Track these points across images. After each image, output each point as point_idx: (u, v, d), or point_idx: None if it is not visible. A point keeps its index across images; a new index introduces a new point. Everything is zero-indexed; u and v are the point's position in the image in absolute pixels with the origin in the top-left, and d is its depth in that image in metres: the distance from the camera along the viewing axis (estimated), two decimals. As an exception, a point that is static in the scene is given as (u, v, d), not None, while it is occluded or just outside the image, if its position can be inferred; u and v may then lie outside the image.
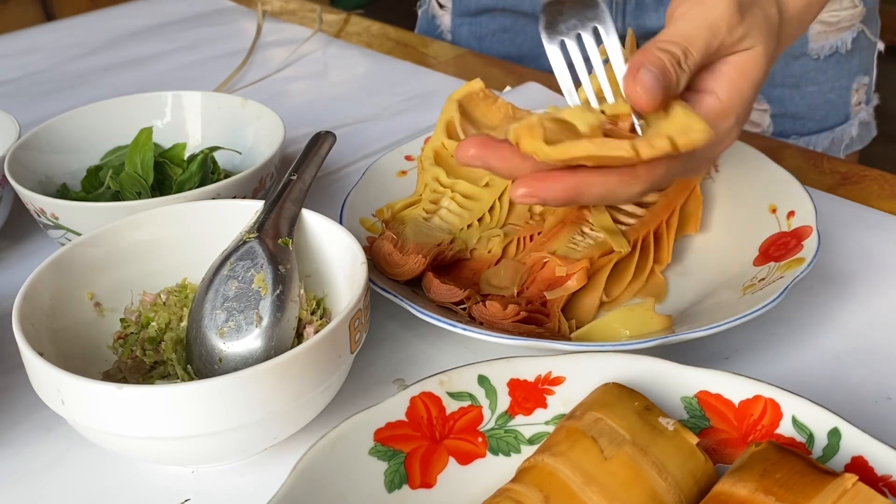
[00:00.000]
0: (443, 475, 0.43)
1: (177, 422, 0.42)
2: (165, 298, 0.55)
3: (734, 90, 0.50)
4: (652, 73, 0.46)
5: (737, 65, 0.50)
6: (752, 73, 0.50)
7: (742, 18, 0.49)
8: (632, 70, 0.47)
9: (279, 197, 0.54)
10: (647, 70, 0.46)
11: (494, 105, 0.71)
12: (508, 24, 1.01)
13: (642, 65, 0.47)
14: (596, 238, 0.59)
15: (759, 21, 0.50)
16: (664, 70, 0.47)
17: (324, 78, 0.99)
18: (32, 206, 0.61)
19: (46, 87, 0.98)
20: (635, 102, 0.47)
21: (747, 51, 0.50)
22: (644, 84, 0.46)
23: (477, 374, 0.45)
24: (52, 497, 0.47)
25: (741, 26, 0.49)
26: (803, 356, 0.54)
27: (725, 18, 0.49)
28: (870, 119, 0.99)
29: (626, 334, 0.54)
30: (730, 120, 0.50)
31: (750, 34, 0.50)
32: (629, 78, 0.47)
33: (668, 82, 0.47)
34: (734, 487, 0.36)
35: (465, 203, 0.64)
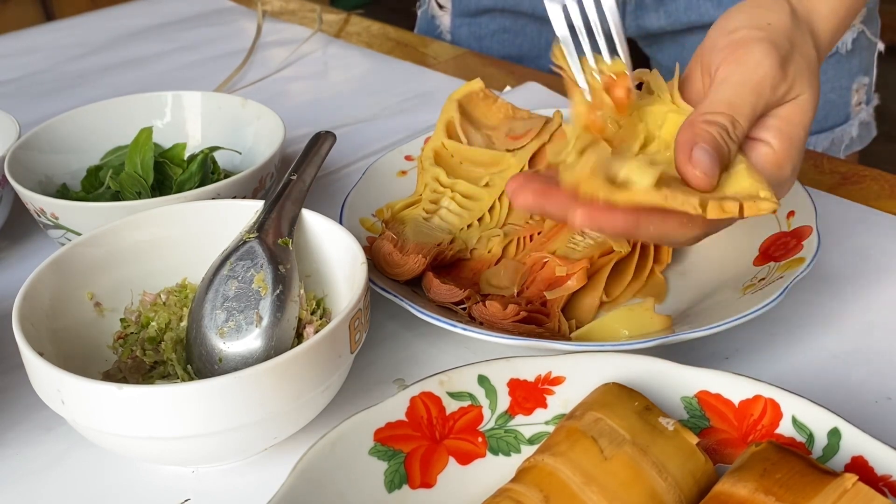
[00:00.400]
0: (443, 475, 0.43)
1: (177, 422, 0.42)
2: (165, 298, 0.55)
3: (787, 140, 0.49)
4: (706, 152, 0.45)
5: (786, 117, 0.49)
6: (802, 120, 0.49)
7: (786, 74, 0.48)
8: (684, 149, 0.46)
9: (279, 197, 0.54)
10: (702, 149, 0.45)
11: (494, 105, 0.71)
12: (508, 25, 1.01)
13: (694, 143, 0.46)
14: (596, 238, 0.59)
15: (801, 68, 0.49)
16: (717, 146, 0.46)
17: (324, 78, 0.99)
18: (32, 206, 0.61)
19: (46, 87, 0.98)
20: (694, 185, 0.46)
21: (795, 100, 0.49)
22: (702, 166, 0.45)
23: (477, 374, 0.45)
24: (52, 497, 0.47)
25: (785, 82, 0.48)
26: (803, 356, 0.54)
27: (769, 79, 0.48)
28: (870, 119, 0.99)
29: (625, 334, 0.54)
30: (786, 170, 0.49)
31: (795, 85, 0.49)
32: (683, 159, 0.46)
33: (721, 157, 0.46)
34: (734, 487, 0.36)
35: (465, 203, 0.64)
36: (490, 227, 0.62)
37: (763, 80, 0.48)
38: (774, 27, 0.49)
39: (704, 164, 0.45)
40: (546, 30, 1.00)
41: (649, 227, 0.45)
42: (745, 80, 0.48)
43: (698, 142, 0.46)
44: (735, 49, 0.49)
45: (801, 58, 0.49)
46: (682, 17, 0.90)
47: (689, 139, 0.46)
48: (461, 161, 0.67)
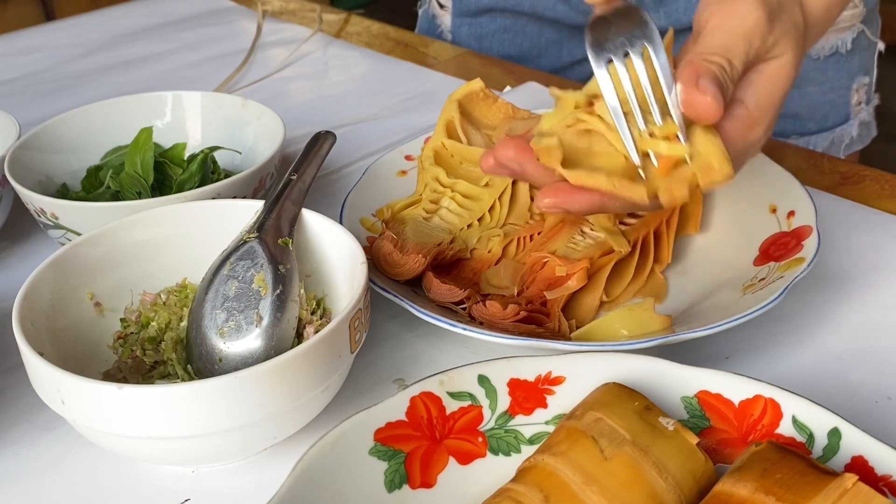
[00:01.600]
0: (443, 475, 0.43)
1: (177, 422, 0.42)
2: (165, 298, 0.55)
3: (764, 99, 0.49)
4: (713, 82, 0.46)
5: (767, 73, 0.49)
6: (782, 82, 0.50)
7: (773, 27, 0.49)
8: (690, 80, 0.46)
9: (279, 197, 0.54)
10: (707, 79, 0.46)
11: (494, 105, 0.71)
12: (509, 25, 1.01)
13: (700, 75, 0.46)
14: (596, 238, 0.59)
15: (788, 28, 0.50)
16: (719, 80, 0.46)
17: (324, 78, 0.99)
18: (32, 206, 0.61)
19: (46, 87, 0.98)
20: (704, 111, 0.46)
21: (778, 58, 0.50)
22: (711, 92, 0.45)
23: (477, 374, 0.45)
24: (52, 497, 0.47)
25: (772, 35, 0.49)
26: (803, 356, 0.54)
27: (759, 27, 0.48)
28: (870, 119, 0.99)
29: (625, 334, 0.54)
30: (758, 130, 0.49)
31: (780, 42, 0.49)
32: (691, 88, 0.46)
33: (724, 91, 0.46)
34: (734, 487, 0.36)
35: (465, 203, 0.64)
36: (490, 227, 0.62)
37: (753, 28, 0.48)
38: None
39: (713, 91, 0.45)
40: (546, 29, 1.00)
41: (616, 203, 0.46)
42: (736, 27, 0.48)
43: (702, 74, 0.46)
44: (724, 3, 0.49)
45: (787, 18, 0.50)
46: (683, 18, 0.90)
47: (693, 73, 0.46)
48: (461, 161, 0.67)
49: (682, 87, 0.46)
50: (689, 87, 0.46)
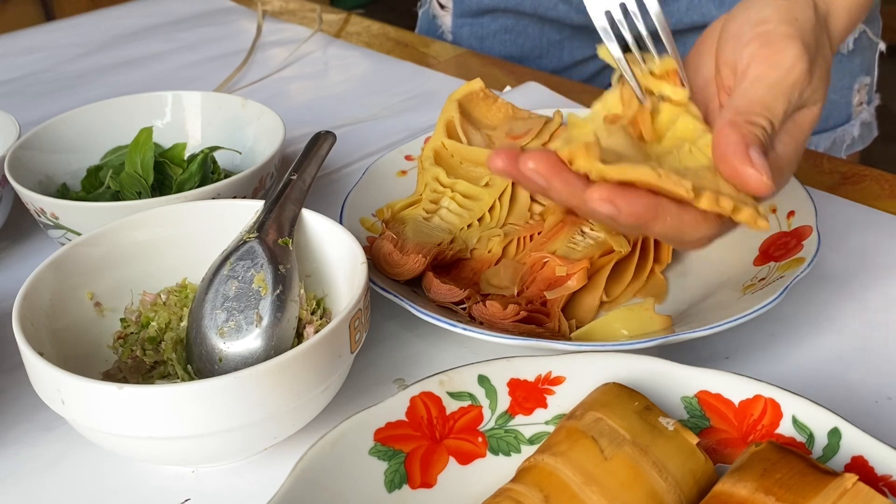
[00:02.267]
0: (443, 475, 0.43)
1: (177, 422, 0.42)
2: (165, 298, 0.55)
3: (793, 147, 0.48)
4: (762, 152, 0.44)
5: (798, 121, 0.48)
6: (810, 126, 0.48)
7: (812, 76, 0.47)
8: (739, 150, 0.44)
9: (279, 197, 0.54)
10: (757, 151, 0.43)
11: (494, 105, 0.71)
12: (510, 25, 1.01)
13: (748, 144, 0.44)
14: (596, 238, 0.59)
15: (822, 74, 0.48)
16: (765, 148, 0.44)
17: (324, 78, 0.99)
18: (32, 206, 0.61)
19: (46, 87, 0.98)
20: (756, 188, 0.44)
21: (810, 107, 0.48)
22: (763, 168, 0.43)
23: (477, 374, 0.45)
24: (52, 497, 0.47)
25: (810, 87, 0.47)
26: (803, 356, 0.54)
27: (800, 83, 0.47)
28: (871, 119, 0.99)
29: (625, 334, 0.54)
30: (786, 175, 0.48)
31: (815, 92, 0.48)
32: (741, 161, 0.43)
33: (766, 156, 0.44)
34: (734, 487, 0.36)
35: (465, 203, 0.64)
36: (490, 227, 0.62)
37: (795, 84, 0.46)
38: (801, 24, 0.48)
39: (764, 167, 0.43)
40: (548, 30, 1.00)
41: (666, 217, 0.43)
42: (779, 82, 0.46)
43: (751, 143, 0.44)
44: (766, 45, 0.47)
45: (822, 61, 0.49)
46: (684, 18, 0.90)
47: (741, 141, 0.44)
48: (461, 161, 0.67)
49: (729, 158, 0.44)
50: (738, 160, 0.44)
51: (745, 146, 0.44)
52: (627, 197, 0.42)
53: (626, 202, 0.42)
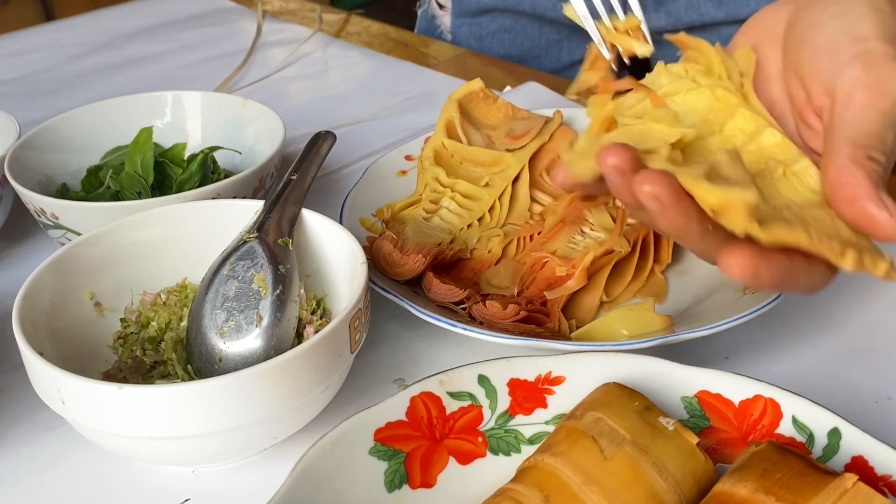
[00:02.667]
0: (443, 475, 0.43)
1: (177, 422, 0.42)
2: (165, 298, 0.55)
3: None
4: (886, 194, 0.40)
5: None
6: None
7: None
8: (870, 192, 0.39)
9: (279, 197, 0.54)
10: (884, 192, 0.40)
11: (494, 105, 0.71)
12: (509, 25, 1.02)
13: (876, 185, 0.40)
14: (596, 238, 0.59)
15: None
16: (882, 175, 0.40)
17: (324, 78, 0.99)
18: (32, 206, 0.61)
19: (46, 87, 0.98)
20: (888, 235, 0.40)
21: None
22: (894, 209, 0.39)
23: (477, 374, 0.45)
24: (52, 497, 0.47)
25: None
26: (803, 356, 0.54)
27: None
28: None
29: (625, 334, 0.54)
30: None
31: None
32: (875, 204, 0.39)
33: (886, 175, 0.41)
34: (734, 487, 0.36)
35: (465, 203, 0.64)
36: (490, 227, 0.62)
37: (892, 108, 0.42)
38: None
39: (894, 208, 0.39)
40: (547, 30, 1.00)
41: (799, 278, 0.40)
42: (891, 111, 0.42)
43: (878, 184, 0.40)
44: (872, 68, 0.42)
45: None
46: (683, 17, 0.90)
47: (870, 183, 0.40)
48: (461, 161, 0.67)
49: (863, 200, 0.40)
50: (874, 204, 0.40)
51: (875, 188, 0.40)
52: (768, 265, 0.38)
53: (768, 270, 0.38)
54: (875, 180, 0.40)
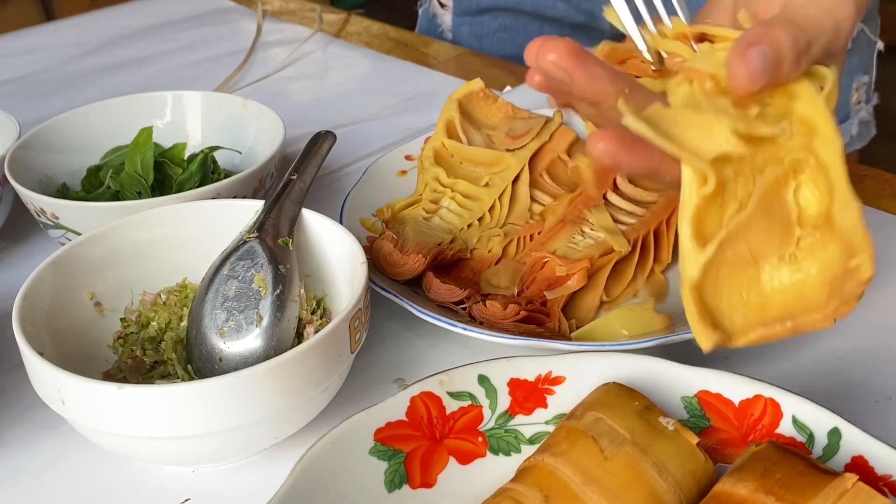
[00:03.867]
0: (443, 475, 0.43)
1: (177, 422, 0.42)
2: (165, 298, 0.55)
3: None
4: (764, 57, 0.39)
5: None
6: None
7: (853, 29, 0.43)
8: (742, 44, 0.40)
9: (279, 197, 0.54)
10: (760, 51, 0.39)
11: (494, 105, 0.71)
12: (509, 24, 1.02)
13: (758, 42, 0.40)
14: (596, 238, 0.59)
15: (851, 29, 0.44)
16: (779, 58, 0.40)
17: (324, 78, 0.99)
18: (32, 206, 0.61)
19: (46, 87, 0.98)
20: (733, 81, 0.40)
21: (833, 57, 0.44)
22: (751, 67, 0.39)
23: (477, 374, 0.45)
24: (52, 497, 0.47)
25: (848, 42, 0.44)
26: (803, 356, 0.54)
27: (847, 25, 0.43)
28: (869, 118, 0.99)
29: (625, 334, 0.54)
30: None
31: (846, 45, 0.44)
32: (737, 53, 0.40)
33: (777, 74, 0.40)
34: (734, 487, 0.36)
35: (465, 203, 0.64)
36: (490, 227, 0.62)
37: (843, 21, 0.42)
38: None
39: (755, 67, 0.39)
40: (547, 29, 1.00)
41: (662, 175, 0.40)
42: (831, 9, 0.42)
43: (763, 43, 0.40)
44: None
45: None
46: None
47: (756, 38, 0.40)
48: (461, 161, 0.67)
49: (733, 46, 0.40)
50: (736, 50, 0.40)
51: (751, 43, 0.40)
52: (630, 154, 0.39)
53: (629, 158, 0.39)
54: (769, 41, 0.40)
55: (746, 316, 0.38)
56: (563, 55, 0.40)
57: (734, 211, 0.39)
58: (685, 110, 0.40)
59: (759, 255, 0.39)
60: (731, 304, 0.39)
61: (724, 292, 0.39)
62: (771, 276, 0.39)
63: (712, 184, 0.38)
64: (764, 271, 0.39)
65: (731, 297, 0.39)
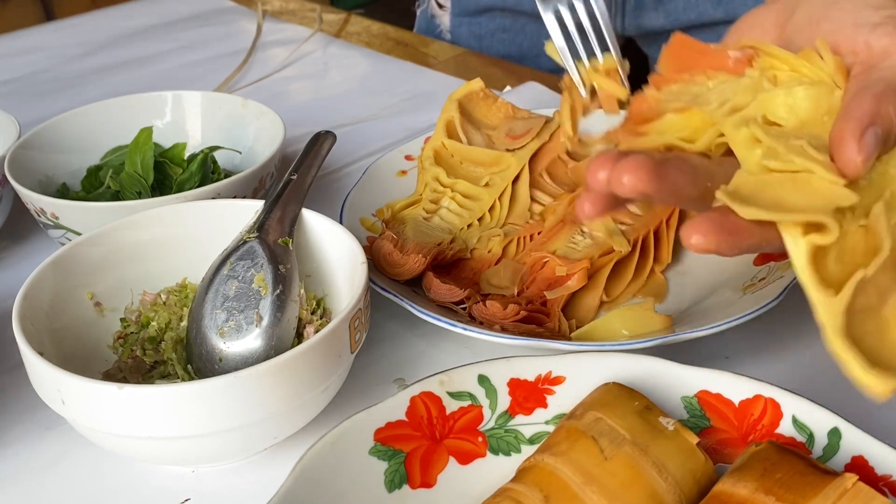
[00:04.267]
0: (443, 475, 0.43)
1: (177, 422, 0.42)
2: (165, 298, 0.55)
3: None
4: (876, 139, 0.37)
5: None
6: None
7: None
8: (858, 124, 0.37)
9: (279, 197, 0.54)
10: (874, 133, 0.37)
11: (494, 105, 0.71)
12: (508, 24, 1.02)
13: (872, 124, 0.37)
14: (596, 238, 0.59)
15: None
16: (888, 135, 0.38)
17: (324, 78, 0.99)
18: (32, 206, 0.61)
19: (46, 87, 0.98)
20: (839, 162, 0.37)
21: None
22: (866, 153, 0.37)
23: (477, 374, 0.45)
24: (52, 497, 0.47)
25: None
26: (803, 356, 0.54)
27: None
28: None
29: (625, 334, 0.54)
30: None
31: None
32: (853, 136, 0.37)
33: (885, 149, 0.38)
34: (734, 487, 0.36)
35: (465, 203, 0.64)
36: (490, 227, 0.62)
37: None
38: None
39: (869, 149, 0.37)
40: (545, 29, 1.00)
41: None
42: None
43: (877, 122, 0.37)
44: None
45: None
46: (682, 17, 0.90)
47: (867, 117, 0.38)
48: (461, 161, 0.67)
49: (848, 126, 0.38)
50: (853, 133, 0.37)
51: (867, 125, 0.37)
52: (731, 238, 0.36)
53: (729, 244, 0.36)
54: (881, 119, 0.38)
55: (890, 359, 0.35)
56: (642, 177, 0.36)
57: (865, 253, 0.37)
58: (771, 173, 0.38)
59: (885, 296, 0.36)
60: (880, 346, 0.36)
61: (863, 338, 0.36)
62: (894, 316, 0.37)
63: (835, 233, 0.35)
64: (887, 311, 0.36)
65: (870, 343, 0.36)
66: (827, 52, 0.42)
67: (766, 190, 0.37)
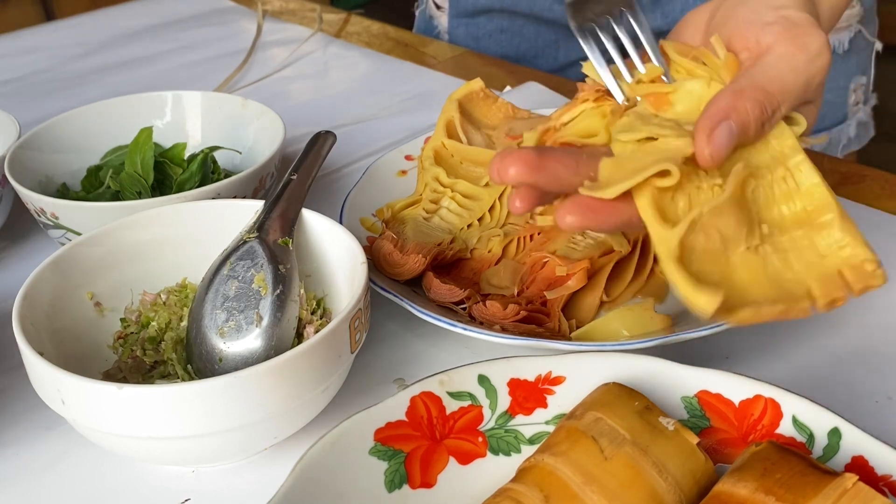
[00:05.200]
0: (443, 475, 0.43)
1: (177, 422, 0.42)
2: (165, 298, 0.55)
3: None
4: (730, 133, 0.41)
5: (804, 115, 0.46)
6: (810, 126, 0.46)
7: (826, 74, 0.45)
8: (709, 121, 0.42)
9: (279, 197, 0.54)
10: (727, 127, 0.41)
11: (494, 105, 0.71)
12: (506, 25, 1.01)
13: (726, 118, 0.41)
14: (596, 238, 0.59)
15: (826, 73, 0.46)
16: (745, 130, 0.42)
17: (324, 78, 0.99)
18: (32, 206, 0.61)
19: (46, 87, 0.98)
20: (698, 156, 0.41)
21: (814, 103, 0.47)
22: (716, 147, 0.41)
23: (477, 374, 0.45)
24: (52, 497, 0.47)
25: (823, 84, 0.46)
26: (803, 356, 0.54)
27: (821, 73, 0.44)
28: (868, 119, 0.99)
29: (625, 334, 0.54)
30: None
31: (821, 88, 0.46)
32: (704, 131, 0.41)
33: (741, 141, 0.42)
34: (734, 487, 0.36)
35: (465, 203, 0.64)
36: (490, 227, 0.62)
37: (815, 74, 0.44)
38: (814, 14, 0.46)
39: (719, 144, 0.41)
40: (544, 30, 1.00)
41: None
42: (804, 66, 0.44)
43: (731, 118, 0.41)
44: (793, 27, 0.45)
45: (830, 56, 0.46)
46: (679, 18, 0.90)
47: (723, 113, 0.42)
48: (461, 161, 0.67)
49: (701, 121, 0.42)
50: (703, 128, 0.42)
51: (719, 120, 0.42)
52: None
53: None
54: (736, 115, 0.42)
55: (730, 296, 0.39)
56: (522, 169, 0.41)
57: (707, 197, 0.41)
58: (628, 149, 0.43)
59: (729, 242, 0.40)
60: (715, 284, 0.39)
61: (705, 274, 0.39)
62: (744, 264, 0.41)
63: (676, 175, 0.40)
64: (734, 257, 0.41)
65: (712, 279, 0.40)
66: (721, 48, 0.46)
67: (623, 166, 0.42)
